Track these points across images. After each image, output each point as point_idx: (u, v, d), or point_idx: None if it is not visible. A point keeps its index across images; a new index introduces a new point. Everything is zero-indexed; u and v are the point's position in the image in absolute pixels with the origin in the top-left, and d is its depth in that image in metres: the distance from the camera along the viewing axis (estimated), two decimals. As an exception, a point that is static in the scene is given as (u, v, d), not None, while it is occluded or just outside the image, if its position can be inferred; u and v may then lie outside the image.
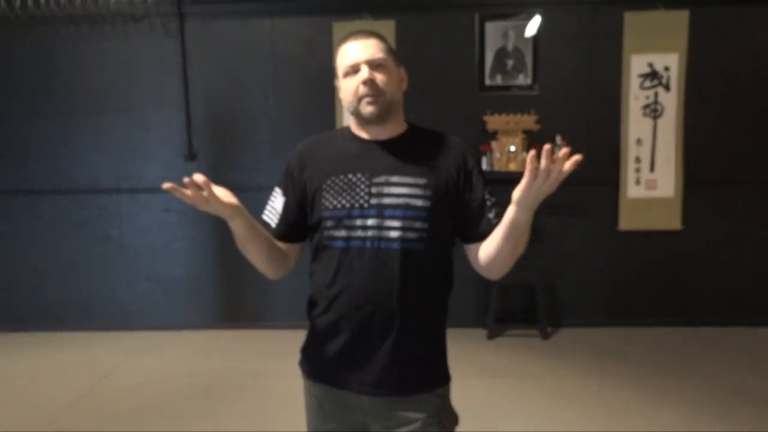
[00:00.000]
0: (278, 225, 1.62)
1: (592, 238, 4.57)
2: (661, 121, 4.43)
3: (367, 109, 1.50)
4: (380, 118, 1.52)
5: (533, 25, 4.41)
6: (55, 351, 4.40)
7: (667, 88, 4.41)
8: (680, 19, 4.34)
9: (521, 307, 4.66)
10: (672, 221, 4.49)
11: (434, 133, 1.61)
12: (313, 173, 1.57)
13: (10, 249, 4.78)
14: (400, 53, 5.08)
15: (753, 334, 4.45)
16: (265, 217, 1.64)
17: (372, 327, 1.51)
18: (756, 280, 4.56)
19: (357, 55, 1.51)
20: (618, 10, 4.36)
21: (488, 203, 1.54)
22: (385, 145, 1.55)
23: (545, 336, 4.42)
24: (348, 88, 1.52)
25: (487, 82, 4.47)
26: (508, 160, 4.36)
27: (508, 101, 4.44)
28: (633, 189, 4.48)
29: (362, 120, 1.54)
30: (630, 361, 4.00)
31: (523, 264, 5.01)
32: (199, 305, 4.79)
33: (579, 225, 4.53)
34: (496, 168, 4.37)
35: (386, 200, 1.49)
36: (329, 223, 1.53)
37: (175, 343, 4.53)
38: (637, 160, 4.46)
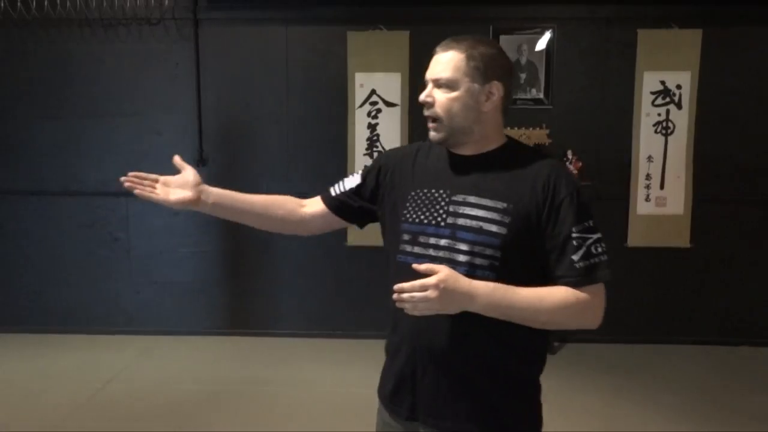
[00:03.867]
0: (338, 196, 1.60)
1: (600, 253, 4.55)
2: (672, 139, 4.44)
3: (430, 133, 1.45)
4: (444, 143, 1.45)
5: (543, 40, 4.43)
6: (59, 353, 4.38)
7: (678, 105, 4.43)
8: (693, 37, 4.35)
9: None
10: (681, 239, 4.49)
11: (531, 153, 1.48)
12: (401, 180, 1.52)
13: (16, 249, 4.76)
14: (414, 64, 5.03)
15: (761, 353, 4.43)
16: (330, 189, 1.64)
17: (432, 355, 1.42)
18: (764, 299, 4.55)
19: (430, 68, 1.44)
20: (631, 27, 4.37)
21: (575, 242, 1.35)
22: (472, 162, 1.44)
23: (551, 350, 4.40)
24: None
25: (500, 95, 4.48)
26: (519, 174, 4.35)
27: (520, 115, 4.45)
28: (642, 205, 4.48)
29: None
30: (636, 378, 3.99)
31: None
32: (204, 311, 4.77)
33: (588, 240, 4.52)
34: (507, 181, 4.36)
35: (460, 221, 1.39)
36: (405, 237, 1.46)
37: (180, 348, 4.51)
38: (648, 176, 4.46)
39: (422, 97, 1.43)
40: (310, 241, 4.66)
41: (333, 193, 1.62)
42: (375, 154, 4.51)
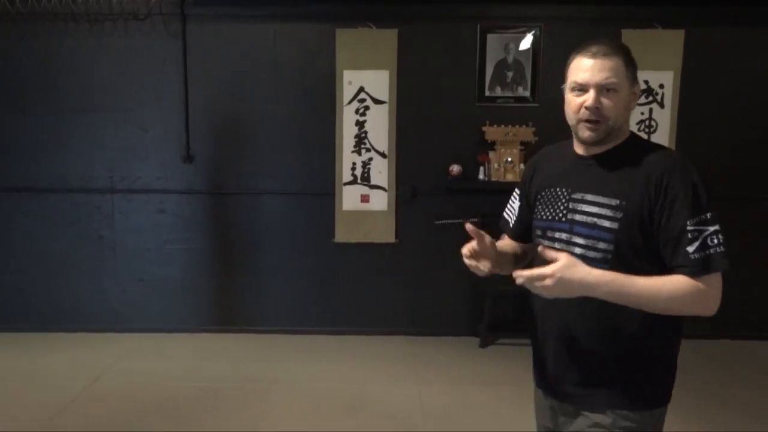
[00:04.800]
0: (514, 224, 1.78)
1: (585, 250, 4.61)
2: (654, 137, 4.51)
3: (585, 133, 1.53)
4: (598, 142, 1.54)
5: (527, 40, 4.49)
6: (44, 352, 4.33)
7: (661, 104, 4.51)
8: (676, 37, 4.44)
9: (514, 316, 4.69)
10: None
11: (650, 149, 1.55)
12: (537, 182, 1.69)
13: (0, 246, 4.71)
14: (402, 62, 5.04)
15: (752, 347, 4.53)
16: (505, 215, 1.82)
17: (554, 338, 1.61)
18: (750, 295, 4.62)
19: (589, 75, 1.49)
20: (615, 27, 4.44)
21: (689, 235, 1.42)
22: (593, 161, 1.57)
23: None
24: (571, 105, 1.53)
25: (487, 93, 4.52)
26: (506, 171, 4.41)
27: (507, 113, 4.50)
28: (626, 203, 4.54)
29: (579, 139, 1.57)
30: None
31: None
32: (191, 308, 4.76)
33: (573, 237, 4.58)
34: (494, 178, 4.42)
35: (577, 217, 1.55)
36: (538, 232, 1.66)
37: (167, 346, 4.49)
38: (631, 174, 4.53)
39: (590, 103, 1.49)
40: (297, 238, 4.68)
41: (511, 224, 1.80)
42: (363, 152, 4.53)
